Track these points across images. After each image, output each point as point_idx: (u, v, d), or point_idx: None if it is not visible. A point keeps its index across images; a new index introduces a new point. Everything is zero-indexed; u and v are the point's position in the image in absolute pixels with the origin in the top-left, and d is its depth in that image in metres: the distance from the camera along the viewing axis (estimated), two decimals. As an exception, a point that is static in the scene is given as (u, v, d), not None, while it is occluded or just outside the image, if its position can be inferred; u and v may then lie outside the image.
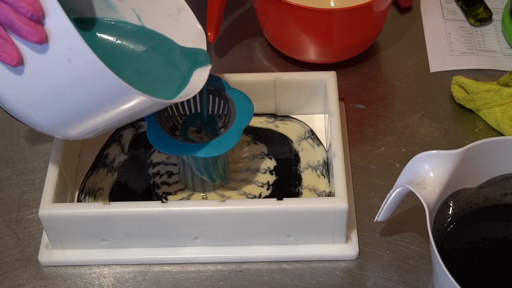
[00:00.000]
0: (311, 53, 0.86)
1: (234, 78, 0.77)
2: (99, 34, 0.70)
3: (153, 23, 0.71)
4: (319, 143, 0.80)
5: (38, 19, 0.56)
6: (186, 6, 0.70)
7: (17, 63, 0.57)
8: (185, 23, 0.70)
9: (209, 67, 0.69)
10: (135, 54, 0.70)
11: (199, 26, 0.70)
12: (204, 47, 0.70)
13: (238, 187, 0.76)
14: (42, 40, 0.56)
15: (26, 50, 0.57)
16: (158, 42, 0.71)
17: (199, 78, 0.68)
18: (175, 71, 0.70)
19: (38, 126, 0.62)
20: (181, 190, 0.76)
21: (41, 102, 0.60)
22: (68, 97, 0.59)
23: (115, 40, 0.71)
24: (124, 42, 0.71)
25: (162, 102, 0.61)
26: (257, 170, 0.77)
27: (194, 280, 0.71)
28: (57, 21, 0.55)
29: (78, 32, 0.55)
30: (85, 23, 0.70)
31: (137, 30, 0.71)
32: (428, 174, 0.63)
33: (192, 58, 0.70)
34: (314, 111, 0.82)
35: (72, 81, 0.58)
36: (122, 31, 0.71)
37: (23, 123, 0.63)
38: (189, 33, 0.70)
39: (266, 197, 0.75)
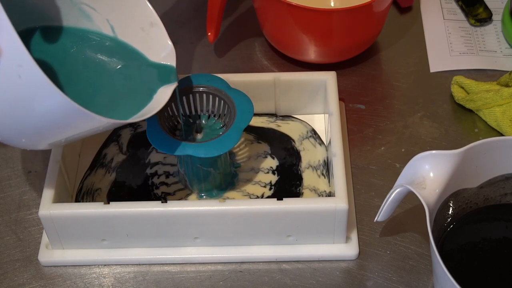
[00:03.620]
0: (311, 53, 0.86)
1: (234, 78, 0.77)
2: (70, 45, 0.70)
3: (125, 35, 0.71)
4: (321, 142, 0.80)
5: None
6: (158, 21, 0.70)
7: None
8: (156, 38, 0.70)
9: (174, 85, 0.69)
10: (103, 68, 0.71)
11: (169, 42, 0.70)
12: (174, 64, 0.70)
13: (241, 187, 0.76)
14: None
15: None
16: (128, 56, 0.71)
17: (162, 96, 0.68)
18: (141, 87, 0.70)
19: None
20: (180, 190, 0.76)
21: None
22: (20, 112, 0.59)
23: (85, 51, 0.71)
24: (94, 54, 0.71)
25: (115, 123, 0.61)
26: (260, 170, 0.77)
27: (194, 280, 0.71)
28: (7, 37, 0.55)
29: (26, 49, 0.54)
30: (57, 32, 0.70)
31: (109, 42, 0.71)
32: (428, 174, 0.63)
33: (160, 74, 0.70)
34: (314, 111, 0.82)
35: (23, 97, 0.58)
36: (94, 43, 0.71)
37: None
38: (160, 48, 0.70)
39: (267, 197, 0.75)
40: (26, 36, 0.56)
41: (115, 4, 0.70)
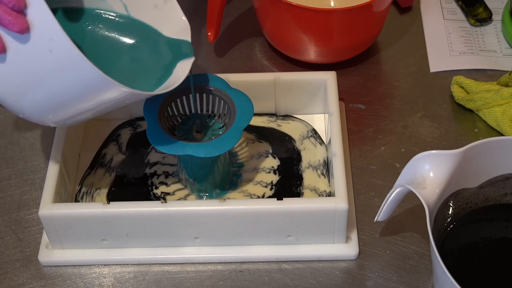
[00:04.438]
0: (311, 53, 0.86)
1: (234, 78, 0.77)
2: (87, 25, 0.71)
3: (139, 13, 0.72)
4: (321, 142, 0.80)
5: (20, 9, 0.56)
6: None
7: (0, 51, 0.58)
8: (170, 14, 0.71)
9: (192, 59, 0.69)
10: (121, 45, 0.71)
11: (184, 18, 0.71)
12: (189, 39, 0.70)
13: (242, 188, 0.76)
14: (23, 30, 0.57)
15: (8, 39, 0.58)
16: (143, 33, 0.71)
17: (182, 70, 0.69)
18: (159, 62, 0.70)
19: (19, 112, 0.64)
20: (179, 190, 0.76)
21: (22, 90, 0.61)
22: (49, 86, 0.60)
23: (102, 31, 0.71)
24: (111, 33, 0.71)
25: (141, 94, 0.62)
26: (262, 170, 0.77)
27: (194, 280, 0.71)
28: (39, 12, 0.56)
29: (59, 23, 0.56)
30: (72, 13, 0.71)
31: (123, 20, 0.72)
32: (428, 174, 0.63)
33: (176, 49, 0.70)
34: (314, 111, 0.82)
35: (53, 71, 0.59)
36: (109, 22, 0.72)
37: (5, 107, 0.64)
38: (174, 24, 0.71)
39: (268, 197, 0.75)
40: None
41: None
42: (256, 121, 0.81)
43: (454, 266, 0.64)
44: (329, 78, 0.78)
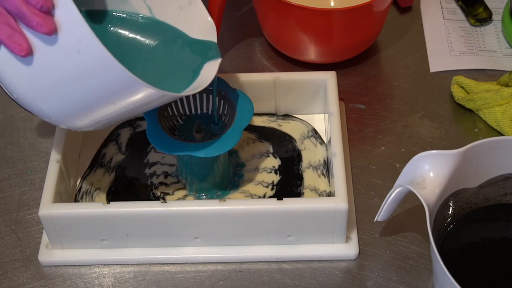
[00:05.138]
0: (311, 53, 0.86)
1: (234, 78, 0.77)
2: (110, 27, 0.71)
3: (163, 15, 0.71)
4: (322, 141, 0.80)
5: (48, 10, 0.56)
6: None
7: (27, 54, 0.58)
8: (195, 15, 0.70)
9: (219, 60, 0.69)
10: (146, 47, 0.71)
11: (209, 18, 0.70)
12: (215, 40, 0.70)
13: (243, 188, 0.76)
14: (51, 31, 0.56)
15: (35, 40, 0.57)
16: (169, 35, 0.71)
17: (209, 72, 0.68)
18: (186, 64, 0.69)
19: (46, 116, 0.63)
20: (178, 190, 0.76)
21: (49, 93, 0.60)
22: (76, 88, 0.59)
23: (126, 33, 0.71)
24: (135, 35, 0.71)
25: (170, 95, 0.62)
26: (264, 170, 0.77)
27: (194, 280, 0.71)
28: (67, 13, 0.56)
29: (87, 23, 0.55)
30: (96, 16, 0.71)
31: (148, 22, 0.71)
32: (428, 174, 0.63)
33: (203, 51, 0.70)
34: (314, 111, 0.82)
35: (81, 73, 0.58)
36: (133, 24, 0.71)
37: (32, 113, 0.63)
38: (200, 25, 0.70)
39: (269, 197, 0.75)
40: None
41: None
42: (256, 121, 0.82)
43: (454, 266, 0.64)
44: (329, 78, 0.78)
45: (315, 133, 0.80)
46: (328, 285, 0.70)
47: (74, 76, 0.58)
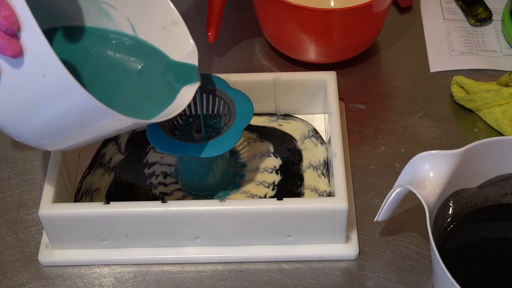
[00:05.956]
0: (311, 53, 0.86)
1: (234, 78, 0.77)
2: (91, 45, 0.70)
3: (146, 35, 0.70)
4: (322, 141, 0.80)
5: (13, 32, 0.55)
6: (180, 19, 0.69)
7: None
8: (178, 37, 0.69)
9: (197, 85, 0.68)
10: (125, 67, 0.70)
11: (191, 41, 0.69)
12: (196, 63, 0.69)
13: (244, 188, 0.76)
14: (16, 54, 0.55)
15: (1, 62, 0.57)
16: (150, 55, 0.70)
17: (185, 96, 0.68)
18: (164, 86, 0.69)
19: (16, 136, 0.62)
20: (177, 190, 0.76)
21: (17, 115, 0.59)
22: (43, 112, 0.58)
23: (107, 52, 0.70)
24: (116, 54, 0.70)
25: (138, 122, 0.61)
26: (264, 170, 0.77)
27: (194, 280, 0.71)
28: (32, 36, 0.54)
29: (52, 48, 0.54)
30: (76, 32, 0.70)
31: (130, 41, 0.71)
32: (428, 174, 0.63)
33: (182, 74, 0.69)
34: (314, 111, 0.82)
35: (47, 96, 0.57)
36: (115, 43, 0.70)
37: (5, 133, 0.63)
38: (182, 47, 0.70)
39: (270, 197, 0.75)
40: (47, 36, 0.56)
41: (136, 2, 0.69)
42: (257, 121, 0.82)
43: (454, 266, 0.64)
44: (329, 78, 0.78)
45: (315, 133, 0.80)
46: (328, 285, 0.70)
47: (40, 100, 0.57)
